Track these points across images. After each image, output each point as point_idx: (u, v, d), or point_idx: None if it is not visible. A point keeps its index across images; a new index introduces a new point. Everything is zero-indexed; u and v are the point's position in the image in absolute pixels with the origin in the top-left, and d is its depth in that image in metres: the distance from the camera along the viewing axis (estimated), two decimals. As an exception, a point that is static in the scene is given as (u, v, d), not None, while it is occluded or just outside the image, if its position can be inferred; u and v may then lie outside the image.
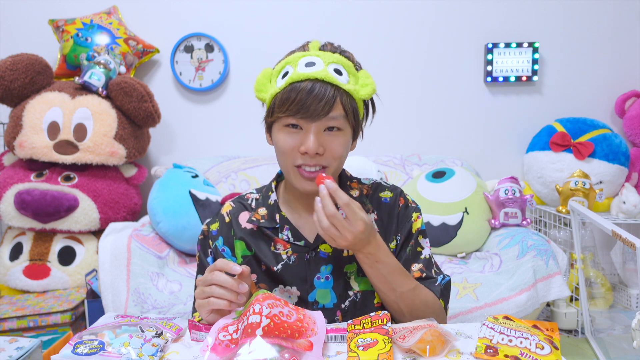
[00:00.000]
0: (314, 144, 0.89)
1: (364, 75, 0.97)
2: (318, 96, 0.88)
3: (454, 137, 2.70)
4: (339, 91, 0.90)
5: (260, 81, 0.98)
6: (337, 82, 0.90)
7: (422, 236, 1.03)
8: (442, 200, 2.16)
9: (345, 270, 1.00)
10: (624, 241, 1.58)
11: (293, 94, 0.89)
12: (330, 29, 2.60)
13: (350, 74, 0.94)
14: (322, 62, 0.92)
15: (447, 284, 1.01)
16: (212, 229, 1.05)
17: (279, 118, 0.92)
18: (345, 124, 0.93)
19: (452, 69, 2.66)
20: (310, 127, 0.90)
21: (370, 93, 0.95)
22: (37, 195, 2.06)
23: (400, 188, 1.07)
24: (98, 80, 2.25)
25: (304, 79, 0.90)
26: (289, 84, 0.91)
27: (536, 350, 0.76)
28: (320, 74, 0.90)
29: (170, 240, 2.09)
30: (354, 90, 0.93)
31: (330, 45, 0.98)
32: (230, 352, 0.75)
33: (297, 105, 0.89)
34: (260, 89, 0.98)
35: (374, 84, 0.96)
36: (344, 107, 0.91)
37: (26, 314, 1.86)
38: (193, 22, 2.59)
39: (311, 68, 0.91)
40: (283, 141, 0.93)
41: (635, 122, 2.56)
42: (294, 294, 1.00)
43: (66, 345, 0.80)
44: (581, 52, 2.66)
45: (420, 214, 1.05)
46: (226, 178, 2.41)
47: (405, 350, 0.79)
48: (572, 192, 2.26)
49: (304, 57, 0.93)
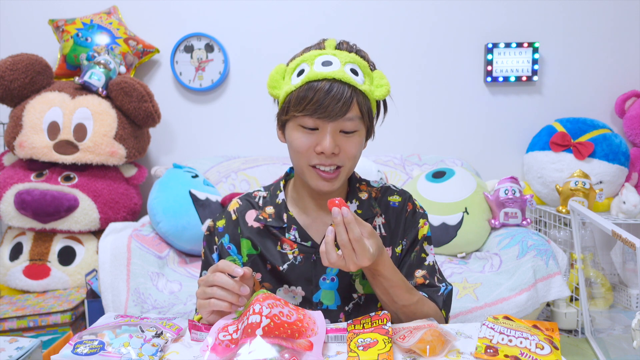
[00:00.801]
0: (331, 145, 0.89)
1: (378, 76, 0.96)
2: (336, 97, 0.87)
3: (454, 137, 2.70)
4: (355, 92, 0.90)
5: (273, 77, 0.96)
6: (354, 83, 0.89)
7: (427, 242, 1.03)
8: (442, 200, 2.16)
9: (350, 273, 0.99)
10: (624, 241, 1.58)
11: (310, 93, 0.88)
12: (330, 29, 2.60)
13: (366, 74, 0.94)
14: (338, 62, 0.91)
15: (449, 294, 1.01)
16: (219, 226, 1.05)
17: (294, 117, 0.91)
18: (360, 125, 0.92)
19: (452, 69, 2.66)
20: (327, 127, 0.89)
21: (385, 94, 0.95)
22: (37, 195, 2.06)
23: (409, 193, 1.07)
24: (98, 80, 2.25)
25: (321, 78, 0.88)
26: (306, 83, 0.89)
27: (536, 350, 0.76)
28: (337, 73, 0.88)
29: (170, 240, 2.09)
30: (369, 91, 0.93)
31: (346, 44, 0.97)
32: (230, 352, 0.75)
33: (314, 105, 0.87)
34: (274, 85, 0.96)
35: (388, 84, 0.95)
36: (360, 108, 0.91)
37: (26, 314, 1.86)
38: (193, 22, 2.59)
39: (328, 67, 0.90)
40: (299, 140, 0.92)
41: (635, 122, 2.56)
42: (299, 294, 1.00)
43: (66, 345, 0.80)
44: (581, 52, 2.66)
45: (427, 221, 1.05)
46: (226, 178, 2.41)
47: (405, 350, 0.79)
48: (572, 192, 2.26)
49: (320, 55, 0.92)
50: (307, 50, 0.96)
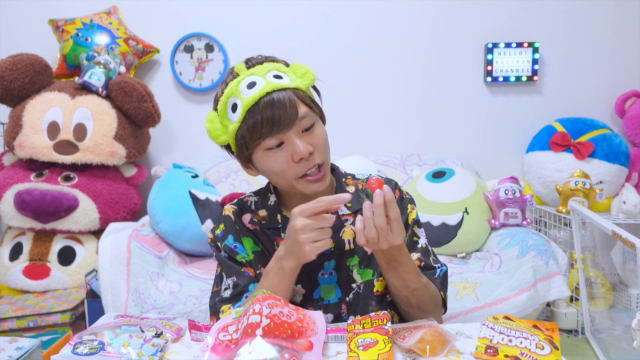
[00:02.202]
0: (304, 147, 0.90)
1: (297, 68, 0.97)
2: (280, 105, 0.88)
3: (454, 137, 2.70)
4: (291, 91, 0.91)
5: (213, 128, 0.96)
6: (285, 85, 0.90)
7: (417, 226, 1.05)
8: (442, 200, 2.16)
9: (347, 264, 1.01)
10: (624, 241, 1.58)
11: (258, 116, 0.88)
12: (330, 29, 2.60)
13: (286, 72, 0.95)
14: (259, 77, 0.91)
15: (444, 275, 1.04)
16: (217, 233, 1.05)
17: (257, 146, 0.91)
18: (314, 116, 0.94)
19: (452, 69, 2.66)
20: (290, 135, 0.90)
21: (313, 78, 0.96)
22: (37, 195, 2.06)
23: (395, 181, 1.09)
24: (98, 80, 2.25)
25: (257, 98, 0.88)
26: (247, 111, 0.89)
27: (536, 351, 0.76)
28: (267, 87, 0.89)
29: (170, 240, 2.09)
30: (300, 85, 0.94)
31: (253, 59, 0.97)
32: (230, 352, 0.75)
33: (269, 124, 0.88)
34: (217, 135, 0.96)
35: (310, 70, 0.96)
36: (304, 102, 0.92)
37: (26, 314, 1.86)
38: (193, 22, 2.59)
39: (255, 87, 0.90)
40: (274, 163, 0.92)
41: (635, 122, 2.56)
42: (299, 292, 1.01)
43: (66, 345, 0.80)
44: (581, 52, 2.66)
45: (414, 205, 1.07)
46: (226, 178, 2.41)
47: (405, 350, 0.79)
48: (572, 192, 2.26)
49: (240, 82, 0.92)
50: (224, 86, 0.95)
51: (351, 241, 1.02)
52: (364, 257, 1.03)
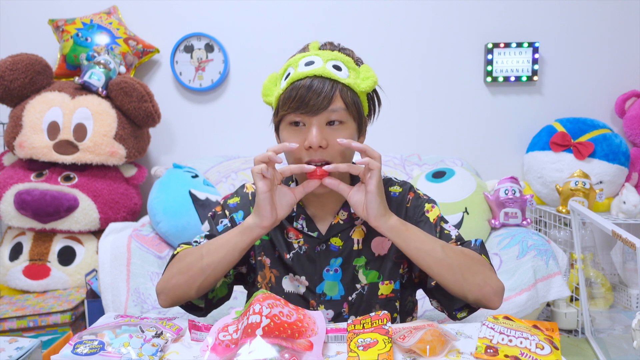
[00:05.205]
0: (317, 137, 0.91)
1: (364, 69, 0.99)
2: (316, 91, 0.91)
3: (454, 137, 2.70)
4: (337, 85, 0.93)
5: (266, 86, 1.02)
6: (336, 77, 0.93)
7: (444, 222, 1.05)
8: (442, 200, 2.16)
9: (354, 264, 1.02)
10: (624, 241, 1.58)
11: (294, 92, 0.93)
12: (330, 28, 2.60)
13: (350, 69, 0.97)
14: (320, 60, 0.95)
15: (482, 244, 1.01)
16: (230, 202, 1.08)
17: (283, 117, 0.96)
18: (347, 117, 0.95)
19: (452, 69, 2.66)
20: (312, 121, 0.93)
21: (372, 85, 0.98)
22: (37, 195, 2.06)
23: (410, 184, 1.10)
24: (98, 80, 2.25)
25: (303, 77, 0.93)
26: (290, 84, 0.94)
27: (536, 351, 0.76)
28: (318, 70, 0.93)
29: (170, 240, 2.09)
30: (355, 84, 0.96)
31: (330, 44, 1.02)
32: (230, 352, 0.75)
33: (297, 102, 0.92)
34: (267, 94, 1.02)
35: (374, 76, 0.98)
36: (344, 100, 0.94)
37: (26, 314, 1.86)
38: (193, 22, 2.59)
39: (310, 66, 0.94)
40: (288, 136, 0.96)
41: (635, 122, 2.56)
42: (303, 284, 1.02)
43: (66, 345, 0.80)
44: (581, 52, 2.66)
45: (435, 204, 1.07)
46: (226, 178, 2.41)
47: (405, 350, 0.79)
48: (572, 192, 2.26)
49: (303, 57, 0.97)
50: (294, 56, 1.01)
51: (360, 241, 1.02)
52: (370, 259, 1.03)
